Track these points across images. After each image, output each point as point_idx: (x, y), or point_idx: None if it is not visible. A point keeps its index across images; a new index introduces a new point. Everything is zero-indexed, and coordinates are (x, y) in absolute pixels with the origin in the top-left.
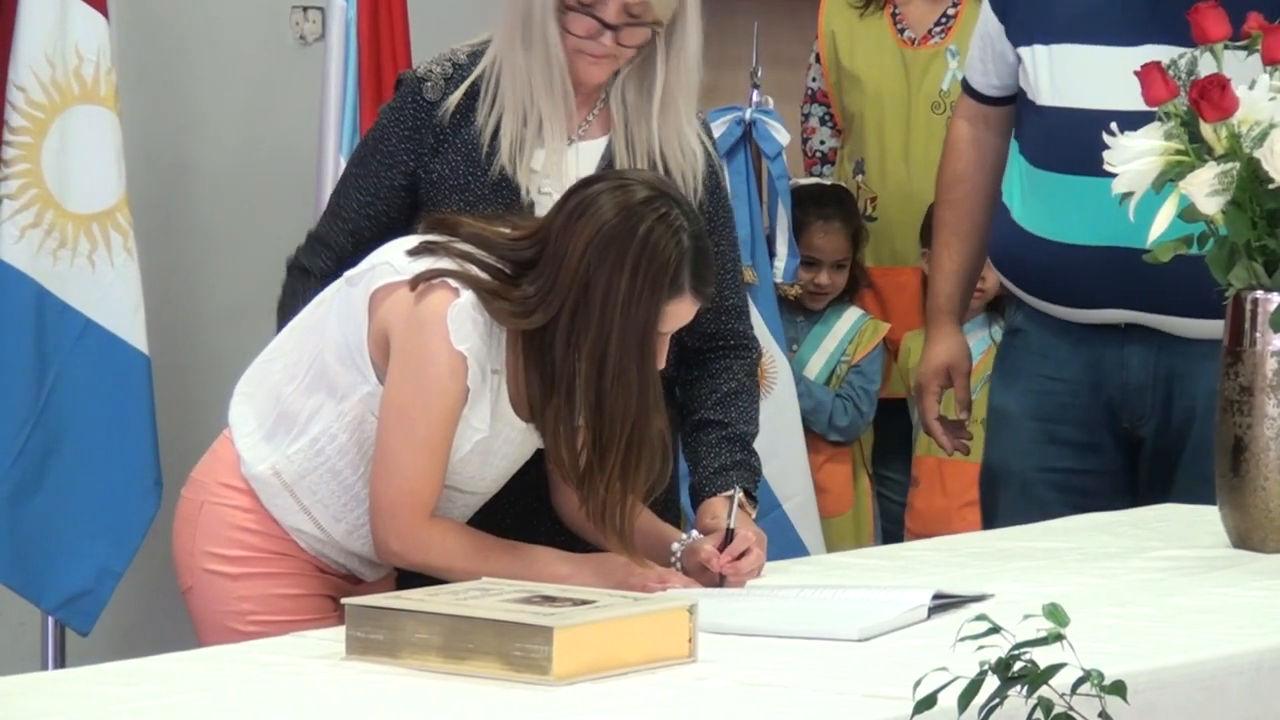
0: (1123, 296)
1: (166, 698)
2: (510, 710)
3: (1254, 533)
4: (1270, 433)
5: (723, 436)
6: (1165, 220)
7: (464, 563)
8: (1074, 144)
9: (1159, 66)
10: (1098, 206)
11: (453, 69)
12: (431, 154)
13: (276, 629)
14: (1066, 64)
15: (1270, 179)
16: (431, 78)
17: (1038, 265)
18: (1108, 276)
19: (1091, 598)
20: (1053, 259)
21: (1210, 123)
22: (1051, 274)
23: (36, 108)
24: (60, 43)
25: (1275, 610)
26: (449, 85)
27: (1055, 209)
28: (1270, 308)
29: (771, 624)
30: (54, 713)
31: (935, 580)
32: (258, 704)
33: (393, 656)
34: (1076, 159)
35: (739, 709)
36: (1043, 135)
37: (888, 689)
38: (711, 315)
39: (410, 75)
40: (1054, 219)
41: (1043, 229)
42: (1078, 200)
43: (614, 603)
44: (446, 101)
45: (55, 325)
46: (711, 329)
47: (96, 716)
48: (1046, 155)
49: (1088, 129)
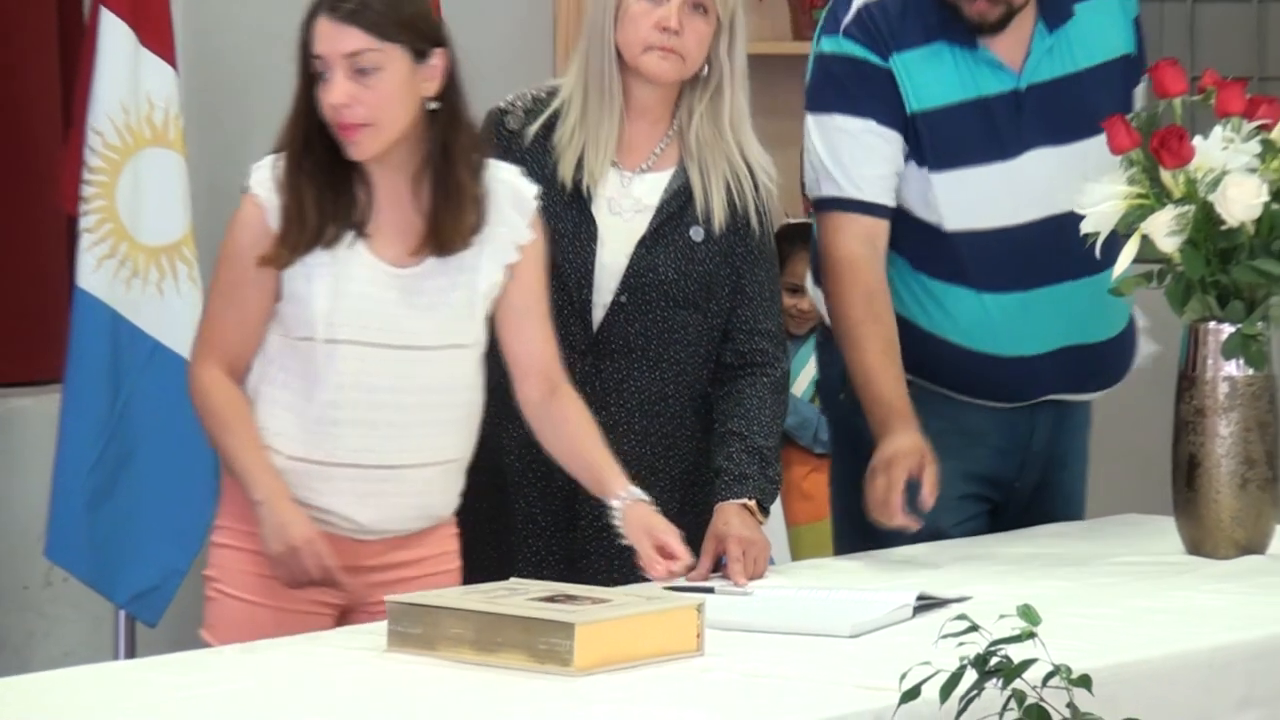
0: (1055, 387)
1: (223, 685)
2: (535, 698)
3: (1206, 541)
4: (1221, 450)
5: (743, 448)
6: (1128, 259)
7: (208, 420)
8: (993, 263)
9: (1122, 118)
10: (1040, 315)
11: (533, 102)
12: None
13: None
14: (964, 189)
15: (1223, 220)
16: (513, 110)
17: (965, 372)
18: (1047, 374)
19: (1061, 599)
20: (987, 369)
21: (1169, 169)
22: (981, 382)
23: (112, 150)
24: (133, 91)
25: (1226, 611)
26: (529, 116)
27: (992, 324)
28: (1222, 337)
29: (771, 621)
30: (124, 698)
31: (919, 582)
32: (306, 691)
33: (429, 649)
34: (1009, 276)
35: (742, 698)
36: (950, 255)
37: (876, 681)
38: (745, 336)
39: (494, 110)
40: (992, 333)
41: (975, 342)
42: (1024, 313)
43: (629, 601)
44: (526, 131)
45: (128, 347)
46: (745, 348)
47: (160, 703)
48: (963, 273)
49: (998, 247)
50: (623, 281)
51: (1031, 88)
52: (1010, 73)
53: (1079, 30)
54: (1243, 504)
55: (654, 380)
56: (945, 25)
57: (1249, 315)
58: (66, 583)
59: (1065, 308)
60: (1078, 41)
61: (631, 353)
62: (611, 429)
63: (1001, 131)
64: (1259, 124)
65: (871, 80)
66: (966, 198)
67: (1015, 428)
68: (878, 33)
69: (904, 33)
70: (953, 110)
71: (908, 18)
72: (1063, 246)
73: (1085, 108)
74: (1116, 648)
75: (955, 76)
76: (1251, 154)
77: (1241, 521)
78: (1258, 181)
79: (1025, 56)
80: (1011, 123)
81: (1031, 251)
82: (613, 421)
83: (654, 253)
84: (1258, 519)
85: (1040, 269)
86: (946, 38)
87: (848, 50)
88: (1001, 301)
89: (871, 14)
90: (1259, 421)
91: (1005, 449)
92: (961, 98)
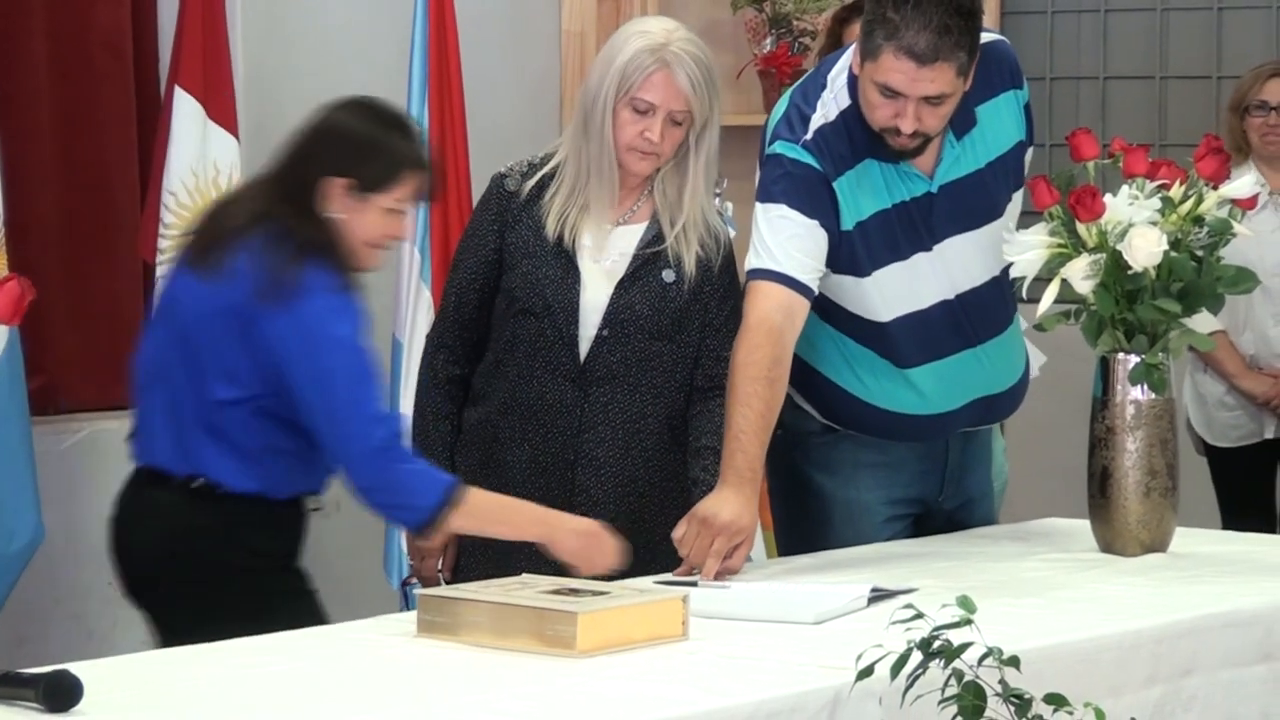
0: (966, 425)
1: (272, 667)
2: (544, 676)
3: (1117, 541)
4: (1129, 463)
5: (716, 460)
6: (1049, 299)
7: None
8: (919, 340)
9: (1045, 179)
10: (956, 378)
11: (529, 166)
12: (509, 228)
13: None
14: (893, 282)
15: (1129, 266)
16: (511, 174)
17: (893, 427)
18: (961, 420)
19: (994, 590)
20: (912, 424)
21: (1084, 223)
22: (906, 432)
23: (184, 209)
24: (202, 159)
25: (1135, 601)
26: (524, 178)
27: (921, 391)
28: (1129, 366)
29: (747, 610)
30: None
31: (873, 576)
32: (347, 671)
33: (454, 635)
34: (930, 348)
35: (721, 676)
36: (885, 339)
37: (837, 661)
38: (713, 362)
39: (496, 174)
40: (918, 399)
41: (902, 406)
42: (942, 379)
43: (625, 594)
44: (521, 189)
45: None
46: (714, 373)
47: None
48: (899, 352)
49: (925, 324)
50: (605, 317)
51: (943, 188)
52: (924, 179)
53: (981, 132)
54: (1147, 509)
55: (634, 403)
56: (873, 145)
57: (1152, 347)
58: None
59: (979, 367)
60: (980, 142)
61: (614, 379)
62: (598, 445)
63: (918, 227)
64: (1160, 183)
65: (819, 190)
66: (899, 289)
67: (933, 455)
68: (831, 153)
69: (845, 153)
70: (880, 215)
71: (846, 139)
72: (974, 315)
73: (986, 197)
74: (1042, 632)
75: (883, 186)
76: (1153, 209)
77: (1146, 524)
78: (1159, 233)
79: (936, 164)
80: (925, 220)
81: (952, 323)
82: (599, 439)
83: (631, 292)
84: (1160, 522)
85: (959, 337)
86: (874, 155)
87: (805, 160)
88: (934, 369)
89: (826, 135)
90: (1161, 439)
91: (926, 471)
92: (887, 204)
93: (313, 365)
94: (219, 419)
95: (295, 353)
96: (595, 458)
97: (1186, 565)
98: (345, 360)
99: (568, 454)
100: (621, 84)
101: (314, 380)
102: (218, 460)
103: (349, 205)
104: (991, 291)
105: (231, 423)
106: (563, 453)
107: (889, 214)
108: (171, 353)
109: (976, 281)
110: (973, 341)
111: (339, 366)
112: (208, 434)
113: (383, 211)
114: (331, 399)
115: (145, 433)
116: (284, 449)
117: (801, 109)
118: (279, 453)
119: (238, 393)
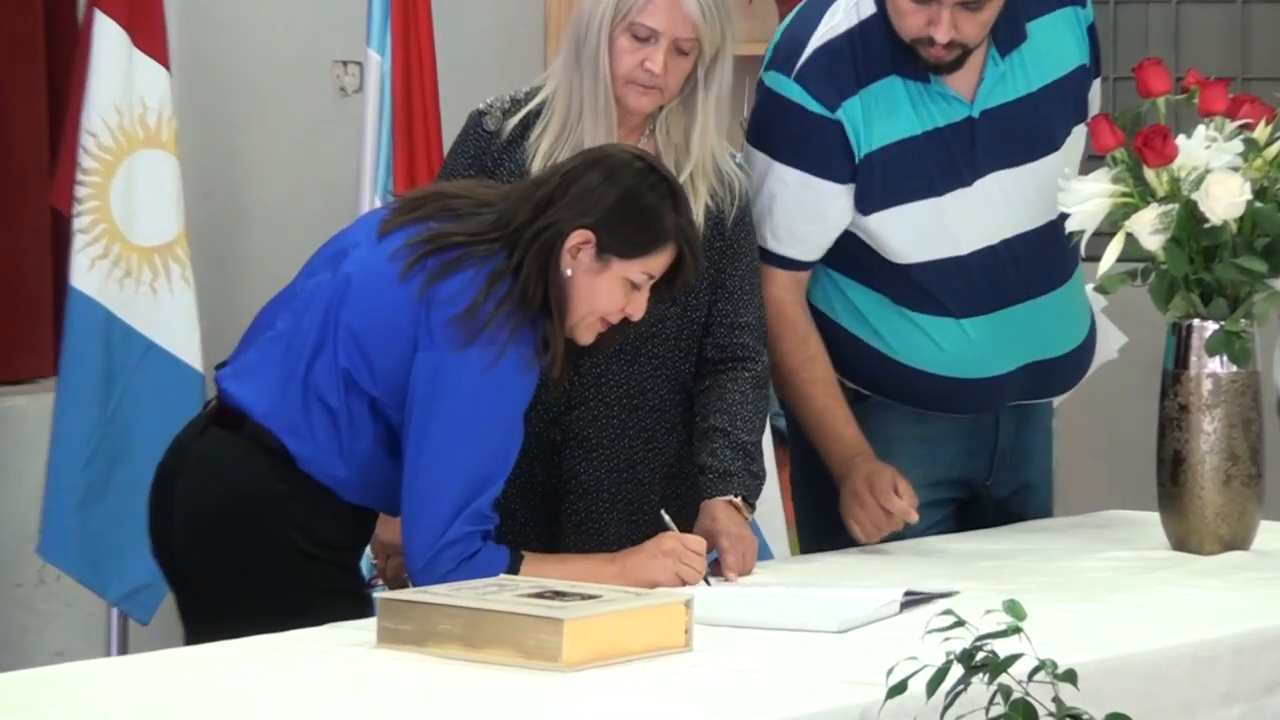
0: (1018, 397)
1: (214, 681)
2: (524, 694)
3: (1191, 537)
4: (1205, 446)
5: (727, 444)
6: (1112, 257)
7: None
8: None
9: (1108, 117)
10: (1008, 335)
11: (510, 103)
12: (488, 173)
13: None
14: (924, 220)
15: (1206, 218)
16: (491, 111)
17: (935, 394)
18: (1013, 388)
19: (1046, 594)
20: (958, 390)
21: (1153, 168)
22: (950, 401)
23: (106, 151)
24: (127, 93)
25: (1210, 606)
26: (505, 116)
27: (970, 348)
28: (1206, 334)
29: (759, 617)
30: (116, 694)
31: (906, 578)
32: (296, 687)
33: (419, 645)
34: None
35: (729, 694)
36: (914, 286)
37: (863, 676)
38: (725, 330)
39: (474, 111)
40: (969, 358)
41: (951, 369)
42: (994, 335)
43: (617, 597)
44: (503, 128)
45: (121, 346)
46: (725, 342)
47: (150, 699)
48: (939, 303)
49: (965, 272)
50: None
51: (985, 113)
52: (963, 101)
53: (1033, 51)
54: (1226, 500)
55: (633, 374)
56: (898, 60)
57: (1232, 312)
58: (59, 581)
59: (1031, 325)
60: (1031, 62)
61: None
62: (591, 423)
63: (955, 159)
64: (1241, 123)
65: (816, 134)
66: (927, 229)
67: (980, 431)
68: (830, 80)
69: (856, 72)
70: (908, 143)
71: (860, 54)
72: (1025, 265)
73: (1038, 128)
74: (1102, 642)
75: (910, 109)
76: (1234, 153)
77: (1225, 517)
78: (1240, 180)
79: (977, 85)
80: (966, 150)
81: (997, 273)
82: (592, 415)
83: None
84: (1241, 515)
85: (1006, 289)
86: (900, 72)
87: (797, 99)
88: (978, 325)
89: (822, 58)
90: (1243, 418)
91: (973, 450)
92: (917, 130)
93: (435, 425)
94: (337, 398)
95: (431, 397)
96: (586, 438)
97: (1272, 565)
98: (470, 442)
99: (553, 434)
100: (619, 6)
101: (424, 440)
102: (317, 435)
103: (587, 264)
104: (1045, 238)
105: (349, 409)
106: (547, 432)
107: (919, 141)
108: (321, 303)
109: (1026, 226)
110: (1024, 295)
111: (460, 448)
112: (320, 405)
113: (623, 281)
114: (427, 476)
115: (247, 372)
116: (383, 464)
117: (797, 32)
118: (376, 465)
119: (370, 384)
